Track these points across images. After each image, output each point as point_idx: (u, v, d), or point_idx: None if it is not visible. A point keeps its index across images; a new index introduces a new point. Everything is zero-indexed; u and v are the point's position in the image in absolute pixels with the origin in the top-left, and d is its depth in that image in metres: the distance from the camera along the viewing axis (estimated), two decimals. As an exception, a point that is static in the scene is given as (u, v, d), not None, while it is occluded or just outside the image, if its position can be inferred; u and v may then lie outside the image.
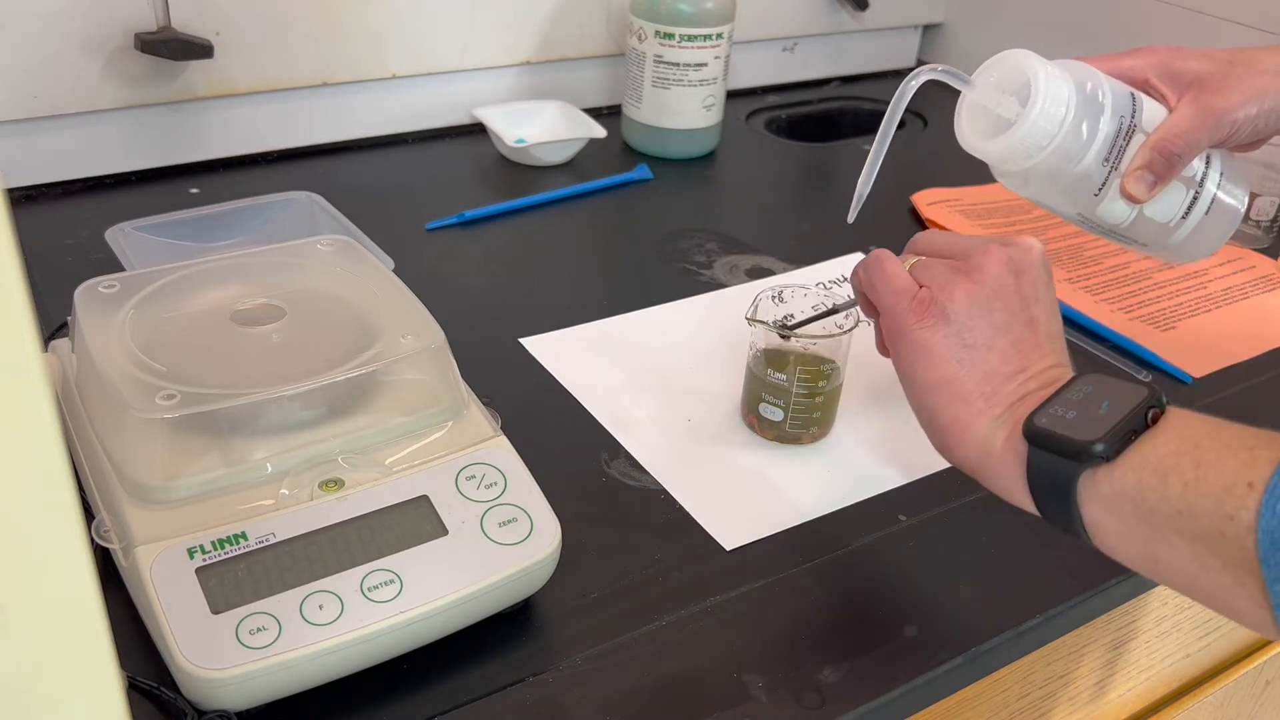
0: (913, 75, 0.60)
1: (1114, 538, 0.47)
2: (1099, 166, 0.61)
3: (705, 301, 0.82)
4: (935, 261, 0.55)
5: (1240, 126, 0.61)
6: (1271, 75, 0.61)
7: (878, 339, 0.59)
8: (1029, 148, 0.59)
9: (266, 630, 0.46)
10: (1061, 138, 0.59)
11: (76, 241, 0.82)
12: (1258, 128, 0.62)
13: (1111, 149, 0.61)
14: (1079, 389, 0.50)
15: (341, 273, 0.61)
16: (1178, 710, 0.83)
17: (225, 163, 0.96)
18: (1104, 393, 0.49)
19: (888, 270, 0.55)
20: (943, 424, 0.53)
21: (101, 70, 0.87)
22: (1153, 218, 0.64)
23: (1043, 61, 0.59)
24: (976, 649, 0.55)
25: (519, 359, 0.74)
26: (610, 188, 0.99)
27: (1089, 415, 0.48)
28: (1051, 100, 0.58)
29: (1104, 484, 0.47)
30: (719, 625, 0.55)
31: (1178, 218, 0.64)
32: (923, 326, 0.53)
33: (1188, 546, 0.44)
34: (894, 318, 0.54)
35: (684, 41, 0.99)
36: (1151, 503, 0.45)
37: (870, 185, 0.60)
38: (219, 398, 0.50)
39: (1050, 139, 0.59)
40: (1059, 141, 0.59)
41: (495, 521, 0.52)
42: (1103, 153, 0.61)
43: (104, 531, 0.49)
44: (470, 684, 0.51)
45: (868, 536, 0.62)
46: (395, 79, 1.01)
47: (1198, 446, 0.45)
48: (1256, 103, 0.61)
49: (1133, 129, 0.61)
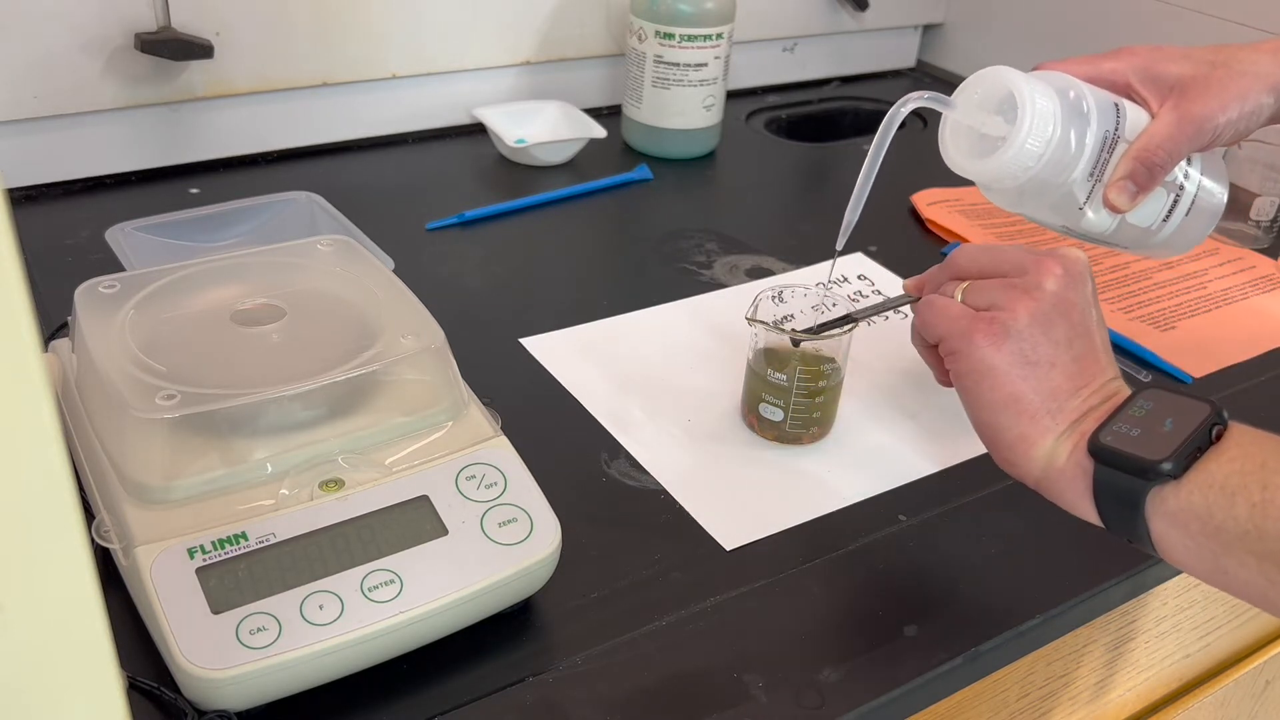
0: (900, 104, 0.60)
1: (1181, 551, 0.48)
2: (1084, 180, 0.61)
3: (705, 301, 0.82)
4: (988, 283, 0.55)
5: (1222, 131, 0.61)
6: (1251, 77, 0.61)
7: (937, 371, 0.60)
8: (1017, 168, 0.59)
9: (266, 630, 0.46)
10: (1050, 153, 0.59)
11: (76, 241, 0.82)
12: (1239, 129, 0.62)
13: (1096, 162, 0.61)
14: (1140, 405, 0.50)
15: (341, 273, 0.61)
16: (1178, 710, 0.83)
17: (225, 163, 0.96)
18: (1166, 409, 0.49)
19: (938, 304, 0.56)
20: (1008, 440, 0.53)
21: (101, 70, 0.87)
22: (1135, 224, 0.64)
23: (1025, 77, 0.59)
24: (976, 649, 0.55)
25: (519, 359, 0.74)
26: (610, 188, 0.99)
27: (1153, 433, 0.48)
28: (1038, 117, 0.58)
29: (1171, 501, 0.47)
30: (719, 625, 0.55)
31: (1159, 221, 0.65)
32: (986, 346, 0.53)
33: (1256, 564, 0.45)
34: (955, 340, 0.54)
35: (684, 41, 0.99)
36: (1219, 521, 0.46)
37: (859, 213, 0.60)
38: (219, 398, 0.50)
39: (1038, 158, 0.59)
40: (1049, 157, 0.59)
41: (495, 521, 0.52)
42: (1089, 166, 0.61)
43: (104, 531, 0.49)
44: (470, 684, 0.51)
45: (868, 536, 0.62)
46: (395, 79, 1.01)
47: (1263, 467, 0.46)
48: (1238, 105, 0.61)
49: (1116, 139, 0.61)
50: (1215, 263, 0.93)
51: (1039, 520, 0.64)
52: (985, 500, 0.65)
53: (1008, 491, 0.65)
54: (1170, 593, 0.72)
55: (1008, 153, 0.58)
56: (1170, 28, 1.10)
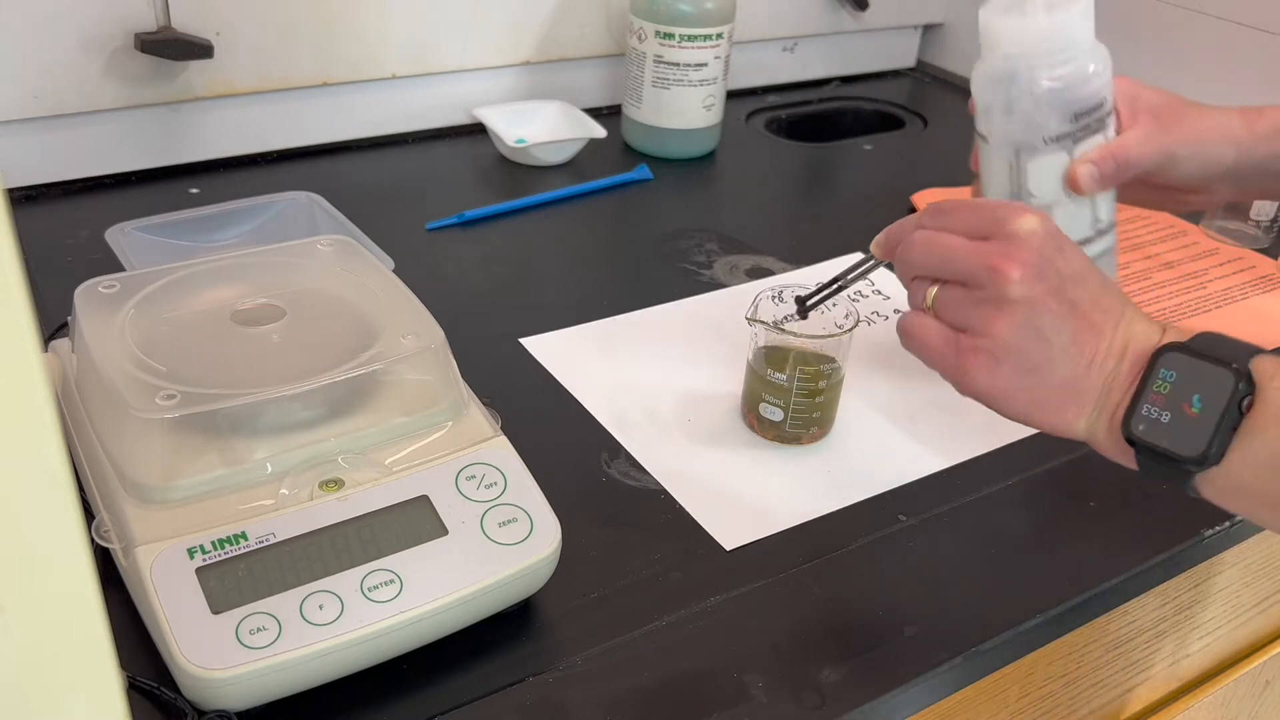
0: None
1: (1238, 512, 0.50)
2: (1069, 119, 0.64)
3: (705, 301, 0.82)
4: (954, 298, 0.53)
5: (1181, 163, 0.66)
6: (1221, 128, 0.66)
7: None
8: (1057, 44, 0.63)
9: (266, 630, 0.46)
10: (1083, 54, 0.63)
11: (76, 241, 0.82)
12: (1195, 170, 0.67)
13: (1090, 114, 0.64)
14: (1163, 378, 0.49)
15: (341, 273, 0.61)
16: (1178, 710, 0.83)
17: (225, 163, 0.96)
18: (1190, 380, 0.49)
19: (916, 335, 0.55)
20: (1046, 429, 0.53)
21: (101, 70, 0.87)
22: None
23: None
24: (976, 649, 0.55)
25: (519, 359, 0.74)
26: (610, 188, 0.99)
27: (1183, 416, 0.48)
28: (1087, 10, 0.63)
29: (1219, 479, 0.48)
30: (719, 625, 0.55)
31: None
32: (982, 374, 0.52)
33: None
34: (949, 372, 0.54)
35: (684, 41, 0.99)
36: (1274, 496, 0.47)
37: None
38: (219, 398, 0.50)
39: (1073, 47, 0.63)
40: (1080, 56, 0.63)
41: (495, 521, 0.52)
42: (1085, 107, 0.64)
43: (104, 531, 0.49)
44: (470, 684, 0.51)
45: (868, 536, 0.61)
46: (395, 79, 1.01)
47: None
48: (1200, 145, 0.66)
49: (1106, 118, 0.65)
50: (1215, 263, 0.93)
51: (1039, 520, 0.64)
52: (985, 500, 0.65)
53: (1008, 491, 0.66)
54: (1170, 593, 0.72)
55: (1060, 16, 0.62)
56: (1171, 28, 1.10)
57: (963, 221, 0.54)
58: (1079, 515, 0.64)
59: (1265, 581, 0.82)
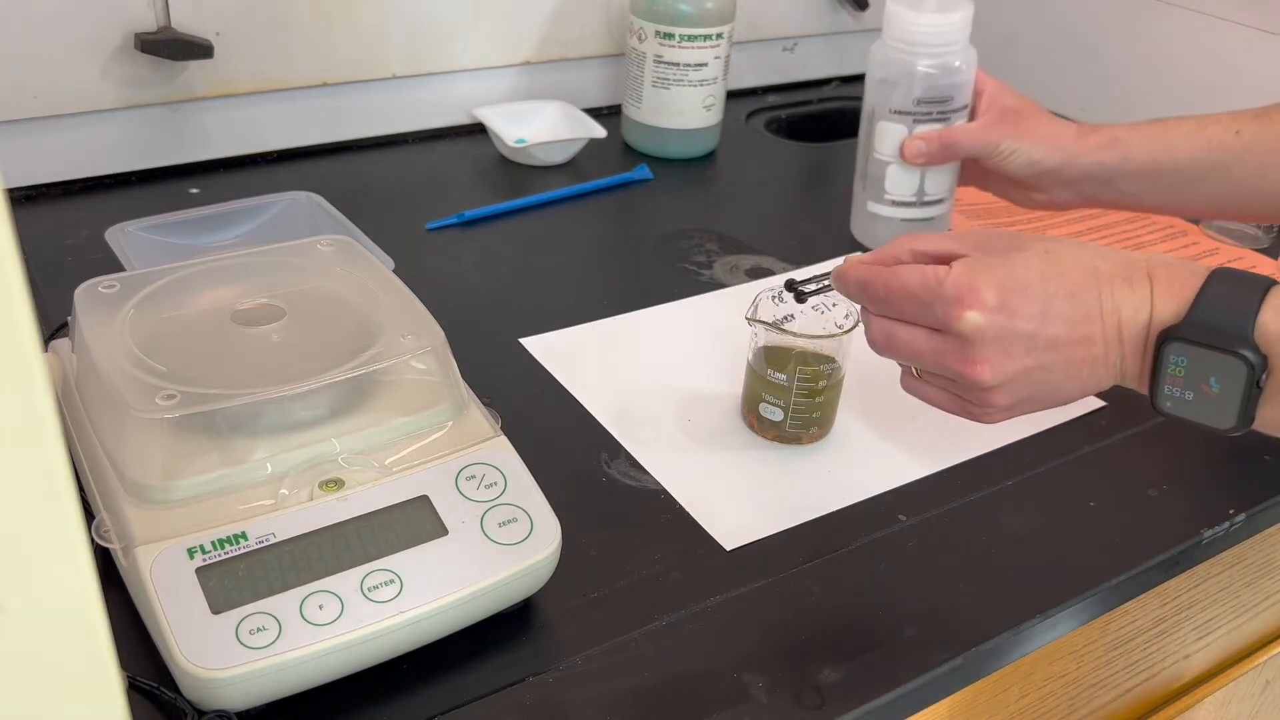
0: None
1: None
2: (914, 101, 0.81)
3: (705, 301, 0.82)
4: (928, 356, 0.53)
5: (1004, 156, 0.77)
6: (1053, 138, 0.75)
7: None
8: (947, 37, 0.80)
9: (266, 630, 0.46)
10: (954, 53, 0.80)
11: (76, 241, 0.82)
12: (1012, 165, 0.77)
13: (936, 104, 0.81)
14: (1175, 362, 0.49)
15: (341, 273, 0.61)
16: (1178, 710, 0.83)
17: (225, 163, 0.96)
18: (1202, 366, 0.49)
19: (923, 397, 0.57)
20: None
21: (101, 70, 0.87)
22: (888, 188, 0.85)
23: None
24: (976, 649, 0.55)
25: (519, 359, 0.74)
26: (610, 188, 0.99)
27: (1205, 395, 0.49)
28: (967, 18, 0.80)
29: (1262, 424, 0.50)
30: (719, 625, 0.55)
31: (893, 200, 0.86)
32: (992, 414, 0.54)
33: None
34: (964, 416, 0.56)
35: (684, 41, 0.99)
36: None
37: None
38: (219, 398, 0.50)
39: (948, 44, 0.80)
40: (951, 54, 0.80)
41: (495, 521, 0.52)
42: (935, 96, 0.81)
43: (104, 531, 0.49)
44: (470, 684, 0.51)
45: (868, 536, 0.61)
46: (395, 79, 1.01)
47: None
48: (1022, 143, 0.76)
49: (951, 112, 0.81)
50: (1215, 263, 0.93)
51: (1039, 520, 0.64)
52: (985, 500, 0.65)
53: (1008, 491, 0.66)
54: (1170, 593, 0.72)
55: (954, 15, 0.79)
56: (1171, 28, 1.10)
57: (908, 314, 0.53)
58: (1079, 515, 0.64)
59: (1265, 581, 0.82)
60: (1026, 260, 0.51)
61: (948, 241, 0.55)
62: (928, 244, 0.55)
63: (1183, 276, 0.51)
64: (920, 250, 0.55)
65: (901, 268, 0.54)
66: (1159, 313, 0.50)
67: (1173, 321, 0.50)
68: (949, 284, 0.51)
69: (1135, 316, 0.51)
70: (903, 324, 0.54)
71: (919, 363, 0.55)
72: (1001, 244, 0.53)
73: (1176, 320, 0.50)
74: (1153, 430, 0.71)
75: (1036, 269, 0.51)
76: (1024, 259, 0.51)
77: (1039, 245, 0.52)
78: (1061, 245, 0.53)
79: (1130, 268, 0.51)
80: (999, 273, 0.51)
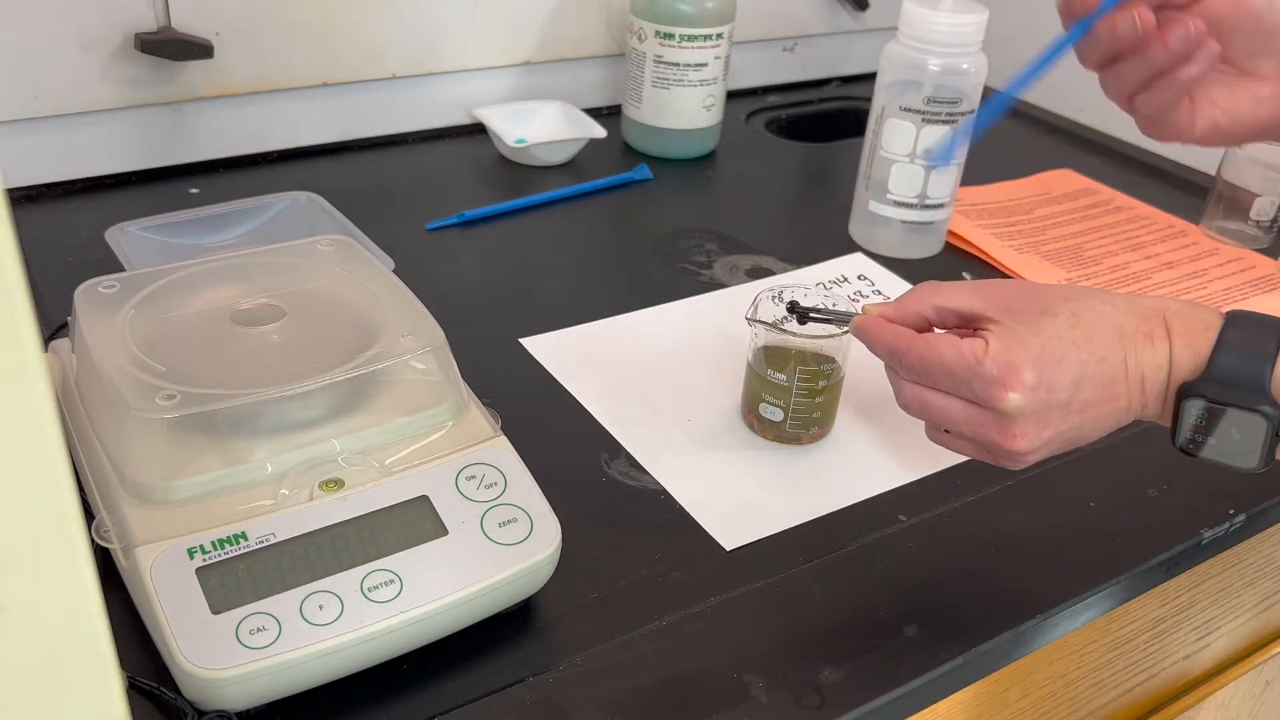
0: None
1: None
2: (925, 100, 0.83)
3: (705, 301, 0.82)
4: (964, 426, 0.53)
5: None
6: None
7: None
8: (964, 38, 0.82)
9: (266, 630, 0.46)
10: (965, 56, 0.83)
11: (76, 241, 0.82)
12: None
13: (944, 104, 0.83)
14: (1193, 414, 0.51)
15: (341, 273, 0.61)
16: (1178, 710, 0.83)
17: (225, 163, 0.96)
18: (1222, 420, 0.50)
19: (953, 449, 0.57)
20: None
21: (101, 70, 0.87)
22: (891, 188, 0.87)
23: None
24: (976, 649, 0.55)
25: (519, 359, 0.74)
26: (610, 188, 0.99)
27: (1229, 443, 0.50)
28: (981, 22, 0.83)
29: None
30: (719, 625, 0.55)
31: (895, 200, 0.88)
32: (1027, 461, 0.54)
33: None
34: (1000, 466, 0.55)
35: (684, 41, 0.99)
36: None
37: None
38: (219, 398, 0.50)
39: (962, 46, 0.82)
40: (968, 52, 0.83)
41: (495, 521, 0.52)
42: (943, 96, 0.83)
43: (104, 531, 0.49)
44: (470, 684, 0.51)
45: (868, 536, 0.61)
46: (395, 79, 1.01)
47: None
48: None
49: (958, 115, 0.84)
50: (1215, 263, 0.93)
51: (1039, 520, 0.64)
52: (985, 500, 0.65)
53: (1008, 491, 0.66)
54: (1170, 593, 0.72)
55: (974, 16, 0.82)
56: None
57: (943, 386, 0.53)
58: (1079, 515, 0.64)
59: (1265, 581, 0.82)
60: (1058, 329, 0.51)
61: (969, 297, 0.54)
62: (950, 299, 0.55)
63: (1198, 330, 0.51)
64: (944, 307, 0.55)
65: (935, 340, 0.53)
66: (1178, 367, 0.51)
67: (1191, 377, 0.51)
68: (988, 364, 0.51)
69: (1156, 374, 0.52)
70: (937, 392, 0.54)
71: (953, 429, 0.55)
72: (1029, 306, 0.53)
73: (1195, 376, 0.51)
74: (1153, 430, 0.71)
75: (1069, 338, 0.51)
76: (1055, 327, 0.52)
77: (1066, 309, 0.52)
78: (1086, 305, 0.52)
79: (1150, 321, 0.52)
80: (1034, 347, 0.51)
